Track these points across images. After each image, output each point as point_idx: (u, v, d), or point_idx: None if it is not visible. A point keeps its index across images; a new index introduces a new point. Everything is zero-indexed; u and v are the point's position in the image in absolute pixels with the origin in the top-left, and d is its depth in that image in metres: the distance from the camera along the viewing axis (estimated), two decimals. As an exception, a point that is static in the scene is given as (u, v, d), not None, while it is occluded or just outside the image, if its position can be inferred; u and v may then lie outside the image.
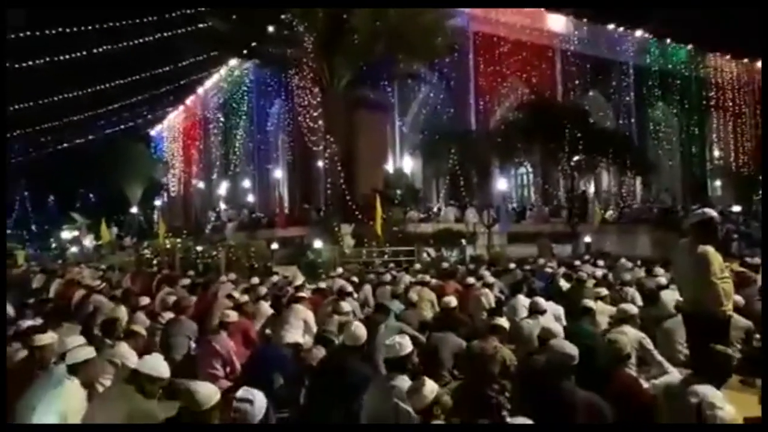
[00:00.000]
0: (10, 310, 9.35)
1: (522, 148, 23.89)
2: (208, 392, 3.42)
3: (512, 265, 12.81)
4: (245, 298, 8.80)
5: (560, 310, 7.60)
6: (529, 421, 2.98)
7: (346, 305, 7.91)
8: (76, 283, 12.53)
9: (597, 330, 6.20)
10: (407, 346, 4.18)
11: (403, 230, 18.30)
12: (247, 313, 7.64)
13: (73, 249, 32.74)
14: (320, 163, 22.43)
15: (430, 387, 3.53)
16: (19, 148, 31.10)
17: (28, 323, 6.85)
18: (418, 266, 13.84)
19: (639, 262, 13.18)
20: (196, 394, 3.40)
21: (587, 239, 20.64)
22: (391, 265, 14.65)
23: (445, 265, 14.22)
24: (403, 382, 4.01)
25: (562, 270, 11.93)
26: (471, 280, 10.08)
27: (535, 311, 6.80)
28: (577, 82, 29.26)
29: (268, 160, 30.36)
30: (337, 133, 20.88)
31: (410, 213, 20.02)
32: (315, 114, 21.57)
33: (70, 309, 10.12)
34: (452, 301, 7.67)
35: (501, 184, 23.63)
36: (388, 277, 11.41)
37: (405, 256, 16.38)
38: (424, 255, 16.56)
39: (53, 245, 37.88)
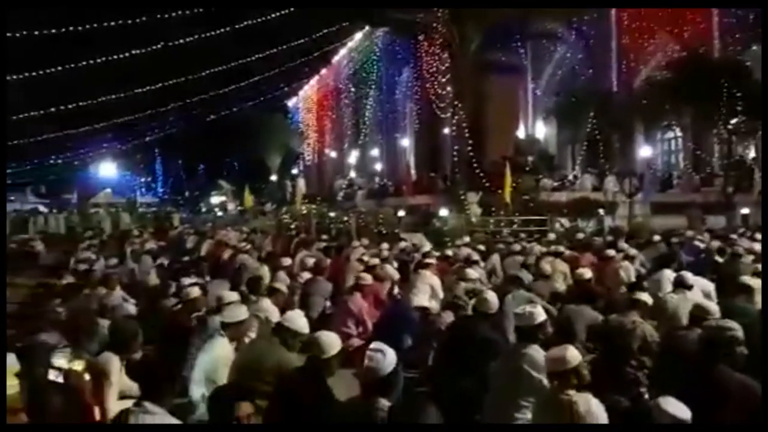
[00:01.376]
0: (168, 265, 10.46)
1: (670, 110, 21.79)
2: (331, 341, 3.64)
3: (656, 238, 11.85)
4: (375, 261, 9.07)
5: (710, 286, 6.95)
6: (678, 403, 2.79)
7: (472, 272, 7.88)
8: (224, 244, 13.64)
9: (754, 309, 5.58)
10: (540, 315, 4.10)
11: (534, 199, 17.65)
12: (377, 277, 7.84)
13: (220, 213, 35.67)
14: (447, 131, 22.23)
15: (573, 354, 3.45)
16: (174, 120, 34.18)
17: (186, 281, 7.60)
18: (550, 237, 13.30)
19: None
20: (321, 342, 3.63)
21: (745, 210, 18.52)
22: (522, 235, 14.23)
23: (581, 236, 13.52)
24: (535, 351, 3.94)
25: (716, 244, 10.85)
26: (610, 252, 9.51)
27: (681, 286, 6.27)
28: (737, 35, 25.95)
29: (396, 128, 30.67)
30: (466, 98, 20.51)
31: (543, 181, 19.23)
32: (443, 80, 21.33)
33: (219, 267, 11.06)
34: (587, 272, 7.36)
35: (645, 150, 21.87)
36: (517, 247, 11.12)
37: (536, 226, 15.82)
38: (557, 225, 15.86)
39: (203, 209, 41.50)
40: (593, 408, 2.55)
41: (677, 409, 2.91)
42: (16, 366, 3.21)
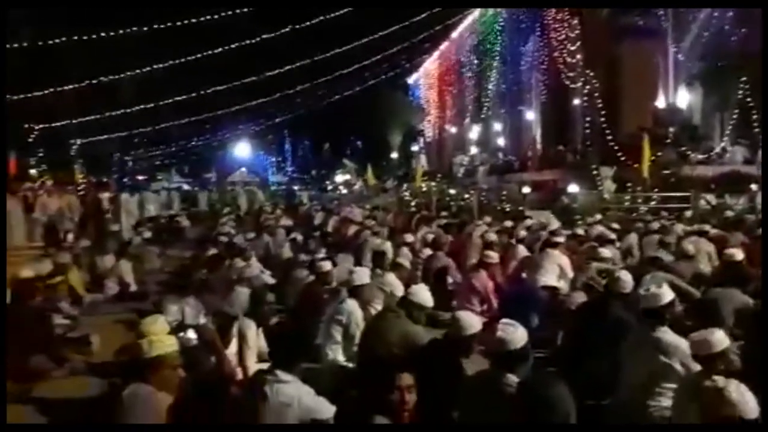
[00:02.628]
0: (300, 240, 11.01)
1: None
2: (471, 321, 3.69)
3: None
4: (496, 238, 8.91)
5: None
6: None
7: (606, 251, 7.48)
8: (349, 221, 14.09)
9: None
10: (666, 295, 3.84)
11: (676, 173, 16.24)
12: (504, 255, 7.67)
13: (345, 191, 36.91)
14: (577, 101, 21.08)
15: (720, 337, 3.20)
16: (301, 101, 35.62)
17: (319, 255, 7.98)
18: (694, 215, 12.19)
19: None
20: (461, 321, 3.68)
21: None
22: (662, 213, 13.20)
23: (729, 214, 12.25)
24: (664, 334, 3.72)
25: None
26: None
27: None
28: None
29: (520, 101, 29.62)
30: (599, 66, 19.27)
31: (686, 154, 17.60)
32: (573, 48, 20.19)
33: (345, 242, 11.45)
34: (737, 253, 6.65)
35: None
36: (656, 226, 10.34)
37: (677, 204, 14.57)
38: (702, 202, 14.47)
39: (329, 187, 43.18)
40: (747, 396, 2.31)
41: None
42: (167, 327, 3.54)
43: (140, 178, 40.10)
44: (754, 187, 15.16)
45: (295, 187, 41.57)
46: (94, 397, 4.41)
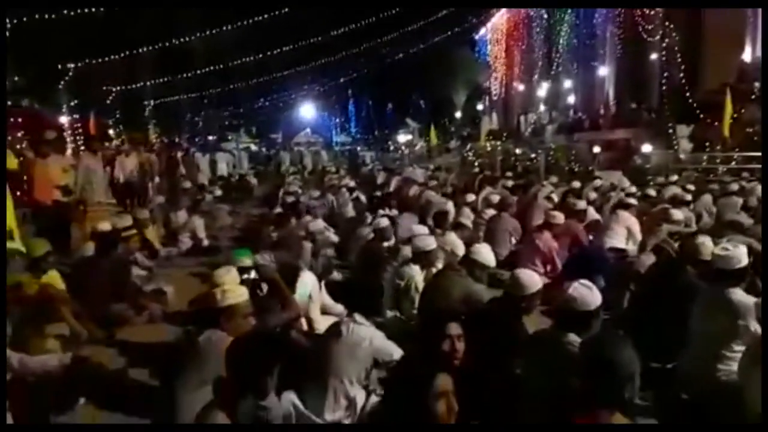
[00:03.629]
0: (363, 199, 11.13)
1: None
2: (532, 279, 3.65)
3: None
4: (561, 199, 8.70)
5: None
6: None
7: (678, 213, 7.19)
8: (411, 181, 14.08)
9: None
10: (743, 257, 3.66)
11: (759, 132, 15.20)
12: (575, 217, 7.47)
13: (407, 151, 36.76)
14: (655, 56, 19.89)
15: None
16: (363, 61, 35.39)
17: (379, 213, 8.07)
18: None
19: None
20: (521, 279, 3.65)
21: None
22: (745, 174, 12.43)
23: (817, 174, 11.40)
24: (737, 295, 3.57)
25: None
26: None
27: None
28: None
29: (593, 56, 28.21)
30: (680, 19, 18.02)
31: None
32: (651, -1, 18.94)
33: (407, 202, 11.48)
34: (826, 216, 6.26)
35: None
36: (735, 187, 9.78)
37: (759, 164, 13.64)
38: (788, 162, 13.54)
39: (391, 147, 43.12)
40: None
41: None
42: (238, 277, 3.72)
43: (210, 138, 41.31)
44: None
45: (358, 148, 41.75)
46: (170, 343, 4.71)
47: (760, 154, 13.84)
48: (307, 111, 47.87)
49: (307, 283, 4.73)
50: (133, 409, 3.60)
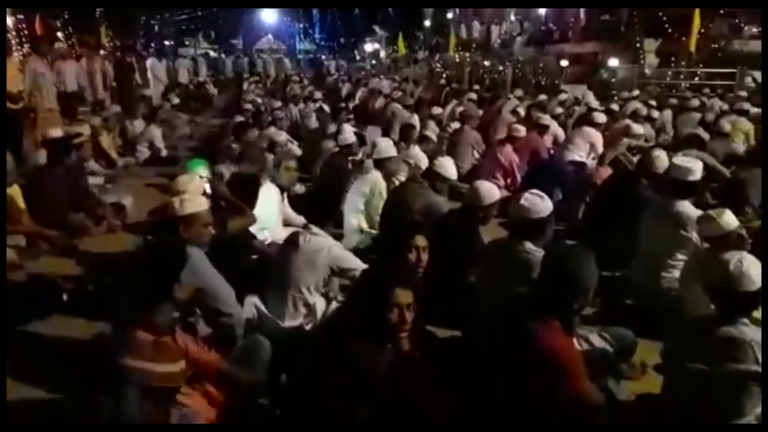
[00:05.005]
0: (327, 110, 10.92)
1: None
2: (490, 191, 3.70)
3: None
4: (526, 113, 8.70)
5: None
6: None
7: (638, 128, 7.35)
8: (378, 92, 13.81)
9: None
10: (697, 171, 3.78)
11: (725, 48, 15.22)
12: (538, 130, 7.50)
13: (373, 61, 35.75)
14: (627, -34, 19.36)
15: (728, 219, 3.24)
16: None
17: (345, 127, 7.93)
18: (739, 93, 11.56)
19: None
20: (479, 191, 3.71)
21: None
22: (705, 90, 12.57)
23: (777, 92, 11.62)
24: (685, 207, 3.73)
25: None
26: (811, 111, 8.16)
27: None
28: None
29: (566, -36, 27.32)
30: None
31: (740, 26, 16.28)
32: None
33: (372, 114, 11.33)
34: (777, 133, 6.47)
35: None
36: (695, 103, 9.94)
37: (722, 80, 13.80)
38: (749, 79, 13.68)
39: (357, 57, 41.80)
40: (751, 270, 2.31)
41: None
42: (201, 186, 3.67)
43: (167, 43, 39.20)
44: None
45: (323, 56, 40.36)
46: (132, 252, 4.69)
47: (722, 70, 13.99)
48: (269, 16, 45.62)
49: (270, 195, 4.70)
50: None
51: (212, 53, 39.10)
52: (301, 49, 46.80)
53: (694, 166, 3.79)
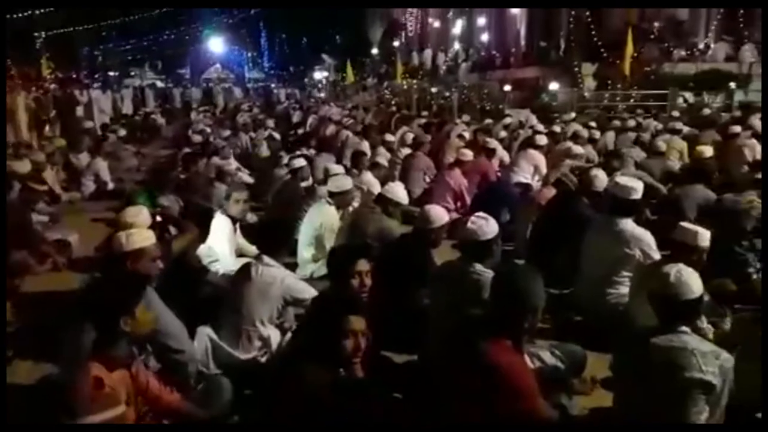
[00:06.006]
0: (278, 138, 10.92)
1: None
2: (438, 214, 3.81)
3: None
4: (473, 138, 8.93)
5: None
6: None
7: (578, 149, 7.64)
8: (328, 119, 13.91)
9: None
10: (637, 191, 3.92)
11: (657, 71, 16.08)
12: (481, 154, 7.70)
13: (323, 88, 36.00)
14: (564, -7, 20.28)
15: (703, 236, 3.31)
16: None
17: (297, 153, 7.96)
18: (673, 113, 12.21)
19: None
20: (428, 214, 3.80)
21: None
22: (638, 110, 13.22)
23: (706, 112, 12.33)
24: (628, 225, 3.86)
25: None
26: (735, 129, 8.69)
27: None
28: None
29: (505, -7, 28.38)
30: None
31: (669, 50, 17.24)
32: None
33: (324, 141, 11.38)
34: (707, 150, 6.88)
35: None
36: (632, 123, 10.44)
37: (656, 101, 14.56)
38: (680, 100, 14.48)
39: (307, 85, 42.03)
40: (690, 279, 2.45)
41: None
42: (149, 218, 3.62)
43: (112, 74, 38.48)
44: (732, 85, 15.17)
45: (272, 84, 40.41)
46: (78, 290, 4.54)
47: (655, 91, 14.77)
48: (217, 45, 45.46)
49: (221, 226, 4.66)
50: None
51: (159, 83, 38.57)
52: (250, 78, 46.72)
53: (635, 185, 3.95)
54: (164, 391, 2.48)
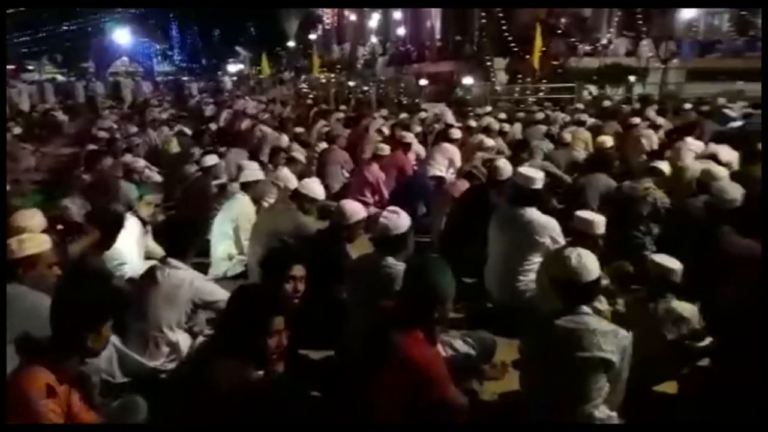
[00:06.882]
0: (189, 133, 10.53)
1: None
2: (354, 209, 3.81)
3: (687, 106, 11.44)
4: (390, 132, 9.01)
5: (733, 154, 6.79)
6: (669, 257, 2.95)
7: (489, 141, 7.85)
8: (243, 114, 13.56)
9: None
10: (538, 181, 4.07)
11: (563, 65, 16.87)
12: (403, 149, 7.76)
13: (238, 82, 35.01)
14: (476, -10, 20.80)
15: (602, 222, 3.51)
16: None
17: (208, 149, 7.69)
18: (577, 105, 12.87)
19: None
20: (343, 209, 3.80)
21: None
22: (547, 103, 13.83)
23: (607, 104, 13.08)
24: (534, 215, 4.01)
25: (751, 111, 10.47)
26: (634, 120, 9.27)
27: (703, 155, 6.17)
28: None
29: (419, -12, 28.68)
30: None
31: (575, 45, 18.12)
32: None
33: (238, 136, 11.10)
34: (608, 140, 7.30)
35: (687, 11, 20.26)
36: (540, 116, 10.88)
37: (563, 94, 15.28)
38: (585, 93, 15.29)
39: (220, 78, 40.79)
40: (587, 262, 2.59)
41: (666, 260, 3.11)
42: (44, 222, 3.39)
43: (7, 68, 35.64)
44: (632, 78, 16.18)
45: (184, 78, 38.86)
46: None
47: (563, 85, 15.50)
48: (123, 36, 43.11)
49: (130, 228, 4.44)
50: None
51: (60, 77, 36.23)
52: (159, 71, 44.72)
53: (536, 174, 4.11)
54: (82, 408, 2.32)
